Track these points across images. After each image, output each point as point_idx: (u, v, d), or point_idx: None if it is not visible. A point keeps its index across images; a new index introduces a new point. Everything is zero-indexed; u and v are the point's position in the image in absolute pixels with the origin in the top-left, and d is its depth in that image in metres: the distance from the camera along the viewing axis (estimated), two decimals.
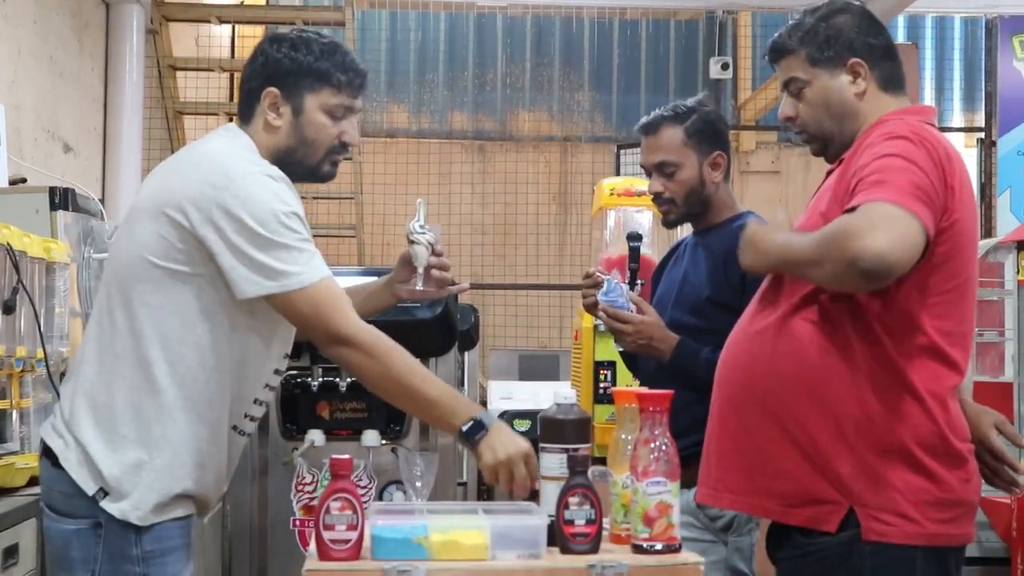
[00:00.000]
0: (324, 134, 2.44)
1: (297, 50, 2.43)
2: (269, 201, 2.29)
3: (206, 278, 2.31)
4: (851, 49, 2.34)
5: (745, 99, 8.40)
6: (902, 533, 2.14)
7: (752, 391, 2.28)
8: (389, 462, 4.17)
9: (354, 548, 2.05)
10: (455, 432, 2.31)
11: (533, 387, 6.16)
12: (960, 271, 2.19)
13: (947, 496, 2.16)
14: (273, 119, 2.43)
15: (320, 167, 2.48)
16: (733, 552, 2.88)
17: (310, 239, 2.35)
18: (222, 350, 2.35)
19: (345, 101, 2.45)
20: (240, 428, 2.46)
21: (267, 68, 2.44)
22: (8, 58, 5.00)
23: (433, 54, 8.44)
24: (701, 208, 3.03)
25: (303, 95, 2.42)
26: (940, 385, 2.17)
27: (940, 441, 2.16)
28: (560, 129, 8.42)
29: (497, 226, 8.11)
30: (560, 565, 2.06)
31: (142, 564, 2.31)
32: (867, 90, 2.34)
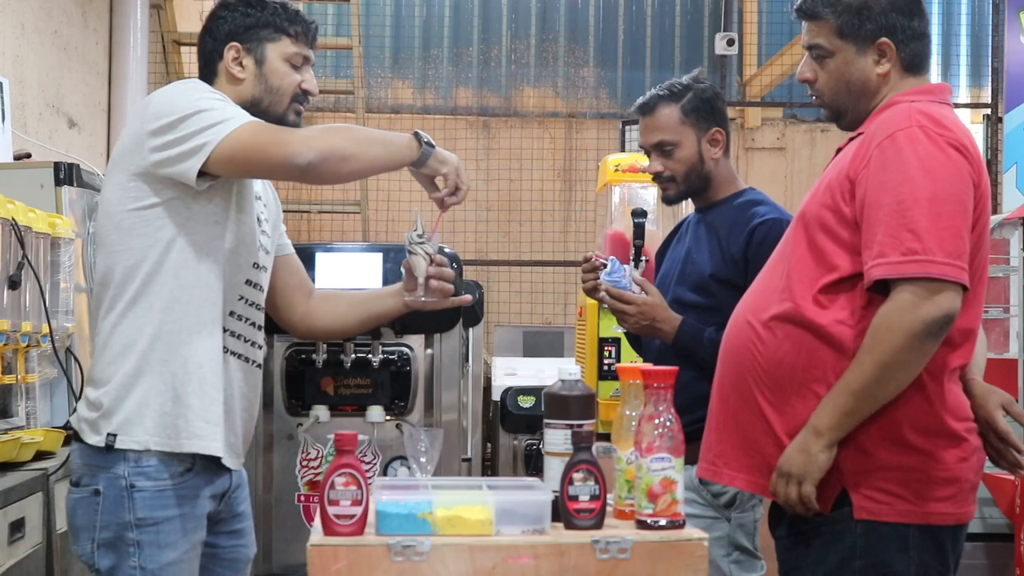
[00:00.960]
0: (287, 81, 2.58)
1: (251, 6, 2.58)
2: (177, 94, 2.44)
3: (163, 205, 2.41)
4: (882, 27, 2.28)
5: (751, 75, 8.36)
6: (893, 511, 2.14)
7: (751, 372, 2.28)
8: (394, 438, 4.19)
9: (359, 523, 2.05)
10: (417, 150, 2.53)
11: (537, 363, 6.16)
12: (973, 255, 2.17)
13: (941, 475, 2.15)
14: (238, 72, 2.56)
15: (286, 115, 2.58)
16: (736, 528, 2.89)
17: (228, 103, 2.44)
18: (188, 268, 2.42)
19: (303, 50, 2.61)
20: (227, 348, 2.47)
21: (225, 26, 2.57)
22: (12, 32, 4.98)
23: (438, 30, 8.40)
24: (702, 185, 3.02)
25: (264, 46, 2.57)
26: (939, 367, 2.15)
27: (934, 421, 2.15)
28: (565, 105, 8.39)
29: (501, 202, 8.09)
30: (564, 541, 2.06)
31: (135, 531, 2.37)
32: (890, 71, 2.30)
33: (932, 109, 2.22)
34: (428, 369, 4.31)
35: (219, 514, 2.54)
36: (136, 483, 2.38)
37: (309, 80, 2.63)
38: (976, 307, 2.22)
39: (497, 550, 2.03)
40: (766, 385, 2.25)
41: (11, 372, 3.16)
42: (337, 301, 2.82)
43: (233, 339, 2.51)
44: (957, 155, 2.13)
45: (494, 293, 7.66)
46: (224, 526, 2.57)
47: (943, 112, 2.22)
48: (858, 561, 2.16)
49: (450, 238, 7.48)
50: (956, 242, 2.09)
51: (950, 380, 2.18)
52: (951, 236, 2.08)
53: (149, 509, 2.38)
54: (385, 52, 8.34)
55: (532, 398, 5.59)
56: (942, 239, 2.08)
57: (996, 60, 7.66)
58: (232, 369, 2.50)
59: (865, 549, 2.16)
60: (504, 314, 7.75)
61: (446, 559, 2.01)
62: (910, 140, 2.14)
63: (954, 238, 2.08)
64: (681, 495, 2.13)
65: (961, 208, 2.10)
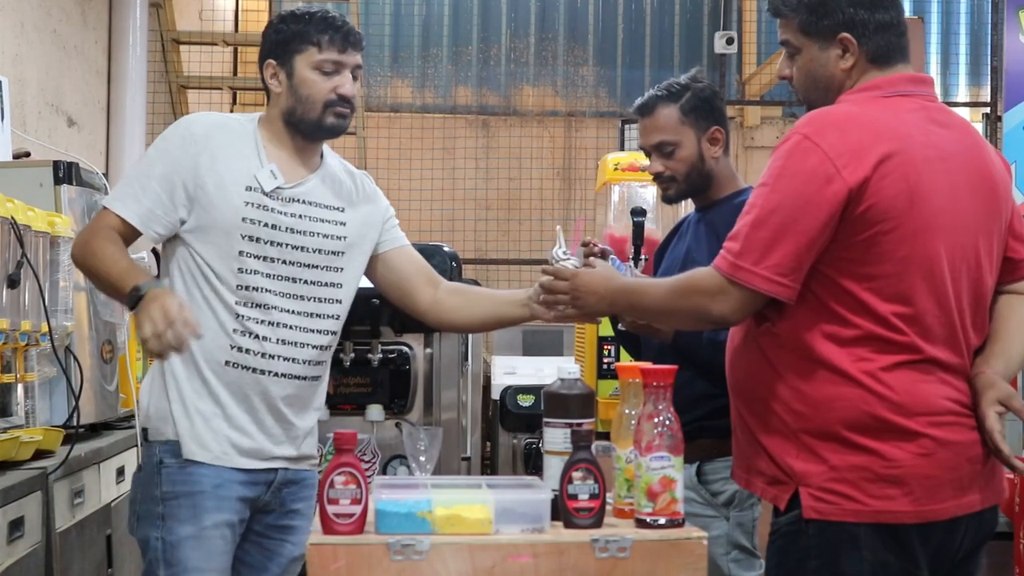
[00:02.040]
0: (317, 89, 2.66)
1: (284, 22, 2.71)
2: (161, 135, 2.68)
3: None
4: (841, 23, 2.26)
5: (750, 74, 8.36)
6: (840, 511, 2.12)
7: (731, 382, 2.34)
8: (393, 437, 4.18)
9: (358, 522, 2.05)
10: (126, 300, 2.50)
11: (537, 362, 6.16)
12: (894, 252, 2.12)
13: (893, 472, 2.10)
14: (275, 87, 2.71)
15: (323, 120, 2.68)
16: (735, 527, 2.89)
17: (152, 176, 2.60)
18: (179, 285, 2.63)
19: (332, 56, 2.66)
20: (234, 362, 2.60)
21: (265, 46, 2.73)
22: (11, 31, 4.98)
23: (437, 29, 8.41)
24: (703, 184, 3.02)
25: (293, 59, 2.67)
26: (871, 366, 2.12)
27: (874, 420, 2.11)
28: (564, 104, 8.39)
29: (501, 201, 8.09)
30: (564, 539, 2.06)
31: (162, 504, 2.57)
32: (855, 64, 2.27)
33: (845, 111, 2.20)
34: (427, 368, 4.31)
35: (267, 505, 2.67)
36: (164, 459, 2.58)
37: (344, 84, 2.69)
38: (916, 301, 2.15)
39: (496, 549, 2.03)
40: (737, 390, 2.33)
41: (10, 371, 3.16)
42: (467, 296, 2.93)
43: (240, 353, 2.65)
44: (818, 168, 2.10)
45: None
46: (273, 519, 2.70)
47: (857, 114, 2.19)
48: (812, 561, 2.14)
49: (449, 236, 7.50)
50: (769, 253, 2.11)
51: (897, 376, 2.14)
52: (763, 247, 2.12)
53: (172, 484, 2.57)
54: (384, 51, 8.34)
55: (531, 397, 5.59)
56: (755, 248, 2.13)
57: (995, 59, 7.66)
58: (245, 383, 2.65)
59: (817, 549, 2.14)
60: None
61: (445, 558, 2.01)
62: (785, 148, 2.17)
63: (768, 249, 2.11)
64: (680, 494, 2.13)
65: (793, 223, 2.11)
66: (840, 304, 2.15)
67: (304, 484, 2.75)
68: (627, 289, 2.43)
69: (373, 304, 4.17)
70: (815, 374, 2.15)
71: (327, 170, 2.78)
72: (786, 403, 2.18)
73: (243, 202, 2.61)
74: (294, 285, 2.66)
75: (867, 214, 2.11)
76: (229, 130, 2.68)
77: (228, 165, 2.63)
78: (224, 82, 7.46)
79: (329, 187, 2.76)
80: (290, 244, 2.65)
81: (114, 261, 2.53)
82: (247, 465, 2.62)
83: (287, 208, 2.66)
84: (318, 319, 2.70)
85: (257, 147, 2.68)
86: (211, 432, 2.59)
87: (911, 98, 2.26)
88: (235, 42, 7.67)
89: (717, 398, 2.86)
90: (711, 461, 2.89)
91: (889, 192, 2.12)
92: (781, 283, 2.13)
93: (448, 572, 2.01)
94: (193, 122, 2.69)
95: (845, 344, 2.14)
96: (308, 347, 2.68)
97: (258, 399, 2.63)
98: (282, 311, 2.64)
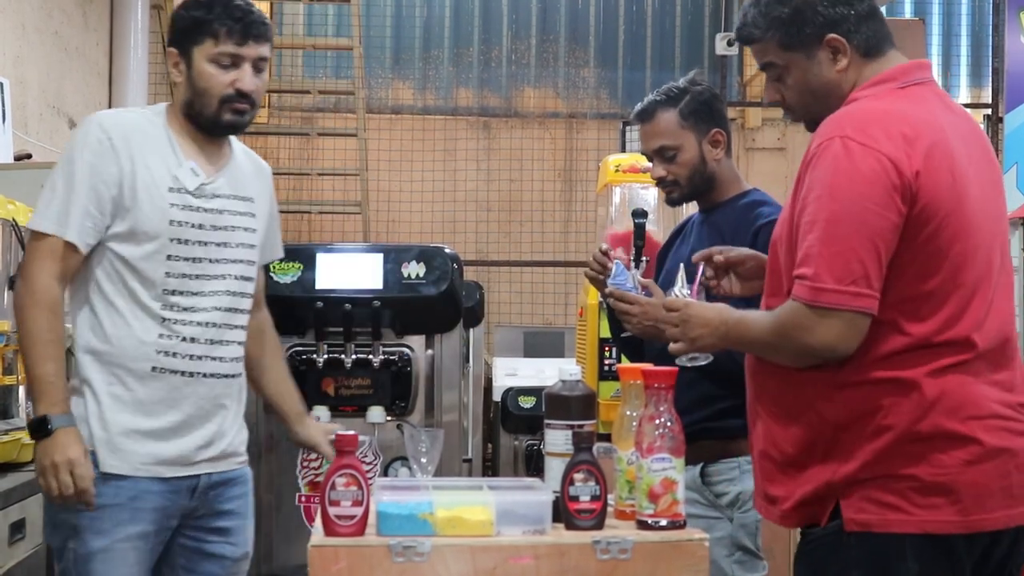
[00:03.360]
0: (214, 83, 2.55)
1: (188, 8, 2.58)
2: (71, 143, 2.55)
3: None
4: (824, 25, 2.17)
5: (751, 75, 8.36)
6: (884, 522, 2.04)
7: (756, 398, 2.24)
8: (394, 438, 4.18)
9: (359, 524, 2.05)
10: (34, 429, 2.43)
11: (538, 364, 6.16)
12: (947, 250, 2.05)
13: (940, 481, 2.03)
14: (176, 76, 2.61)
15: (220, 116, 2.57)
16: (738, 528, 2.88)
17: (77, 189, 2.48)
18: (96, 303, 2.53)
19: (229, 49, 2.54)
20: (161, 367, 2.51)
21: (170, 32, 2.64)
22: (13, 33, 4.98)
23: (438, 30, 8.41)
24: (706, 186, 3.02)
25: (191, 49, 2.56)
26: (925, 371, 2.05)
27: (922, 426, 2.04)
28: (565, 106, 8.39)
29: (502, 203, 8.09)
30: (565, 541, 2.06)
31: (76, 515, 2.46)
32: (850, 64, 2.18)
33: (873, 107, 2.11)
34: (429, 369, 4.31)
35: (195, 510, 2.59)
36: None
37: (243, 79, 2.56)
38: (967, 301, 2.07)
39: (498, 551, 2.03)
40: (763, 404, 2.23)
41: (12, 373, 3.16)
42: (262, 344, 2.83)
43: (166, 357, 2.58)
44: (875, 167, 2.01)
45: (495, 293, 7.66)
46: (206, 522, 2.62)
47: (886, 108, 2.11)
48: (854, 572, 2.08)
49: (451, 238, 7.49)
50: (851, 266, 2.00)
51: (956, 383, 2.06)
52: (844, 261, 2.00)
53: (96, 495, 2.45)
54: (386, 52, 8.34)
55: (533, 398, 5.59)
56: (834, 265, 2.01)
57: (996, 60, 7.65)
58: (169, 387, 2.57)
59: (860, 560, 2.07)
60: (505, 314, 7.75)
61: (447, 560, 2.01)
62: (828, 154, 2.05)
63: (848, 262, 2.00)
64: (682, 495, 2.13)
65: (865, 228, 2.01)
66: (894, 310, 2.05)
67: (233, 484, 2.68)
68: (738, 322, 2.21)
69: (374, 306, 4.18)
70: (860, 382, 2.06)
71: (236, 160, 2.70)
72: (828, 413, 2.09)
73: (168, 204, 2.53)
74: (221, 282, 2.59)
75: (923, 213, 2.03)
76: (142, 130, 2.57)
77: (148, 167, 2.53)
78: None
79: (241, 178, 2.69)
80: (214, 242, 2.59)
81: (42, 358, 2.43)
82: (168, 474, 2.53)
83: (210, 204, 2.59)
84: (239, 314, 2.65)
85: (171, 143, 2.58)
86: (130, 443, 2.50)
87: (925, 86, 2.18)
88: None
89: (720, 400, 2.86)
90: (714, 463, 2.89)
91: (939, 185, 2.04)
92: (869, 295, 2.01)
93: (449, 574, 2.01)
94: (106, 126, 2.54)
95: (896, 350, 2.06)
96: (233, 344, 2.63)
97: (187, 403, 2.55)
98: (210, 310, 2.57)
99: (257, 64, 2.58)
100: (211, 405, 2.59)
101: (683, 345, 2.30)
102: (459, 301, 4.32)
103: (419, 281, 4.23)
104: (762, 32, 2.23)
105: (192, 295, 2.55)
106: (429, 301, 4.22)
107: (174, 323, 2.53)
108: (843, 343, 2.03)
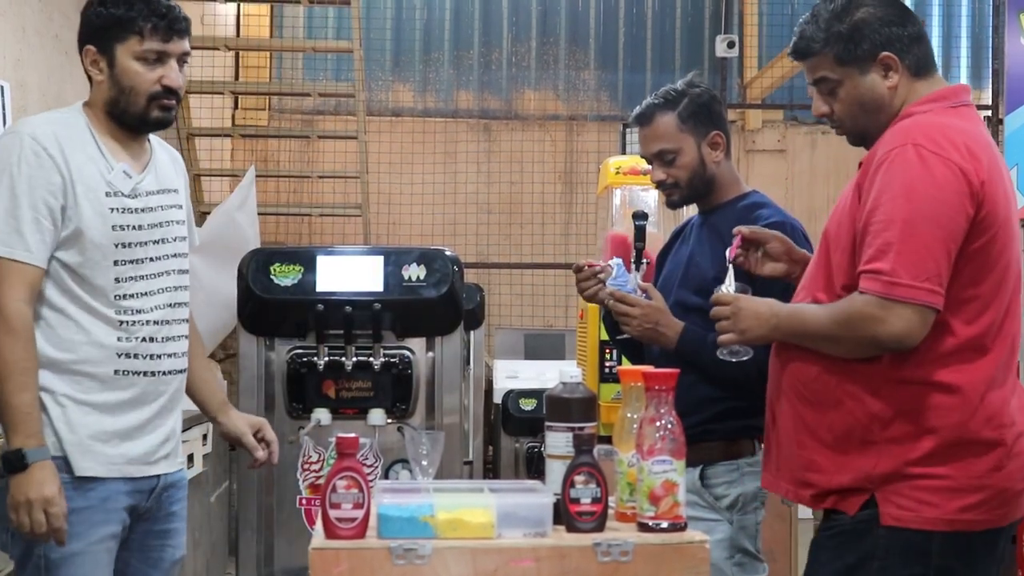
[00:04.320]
0: (140, 80, 2.53)
1: (105, 5, 2.56)
2: (3, 158, 2.45)
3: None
4: (880, 43, 2.29)
5: (751, 77, 8.35)
6: (918, 518, 2.16)
7: (789, 385, 2.32)
8: (395, 441, 4.18)
9: (360, 526, 2.05)
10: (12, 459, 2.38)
11: (539, 366, 6.15)
12: (997, 260, 2.19)
13: (971, 483, 2.16)
14: (96, 75, 2.57)
15: (148, 113, 2.55)
16: (738, 530, 2.88)
17: (28, 206, 2.42)
18: (47, 314, 2.48)
19: (155, 46, 2.53)
20: (124, 370, 2.51)
21: (84, 29, 2.60)
22: (13, 36, 4.98)
23: (438, 33, 8.40)
24: (705, 189, 3.02)
25: (114, 47, 2.54)
26: (970, 377, 2.17)
27: (963, 431, 2.16)
28: (566, 108, 8.38)
29: (503, 205, 8.08)
30: (566, 543, 2.06)
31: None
32: (900, 82, 2.30)
33: (937, 121, 2.23)
34: (429, 372, 4.30)
35: (147, 512, 2.59)
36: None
37: (170, 75, 2.55)
38: (1004, 317, 2.21)
39: (499, 553, 2.03)
40: (800, 394, 2.32)
41: None
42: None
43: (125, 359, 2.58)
44: (947, 174, 2.13)
45: (495, 296, 7.65)
46: (153, 524, 2.62)
47: (948, 123, 2.22)
48: (875, 562, 2.19)
49: (451, 240, 7.49)
50: (926, 264, 2.11)
51: (986, 387, 2.18)
52: (919, 259, 2.11)
53: (69, 499, 2.42)
54: (386, 55, 8.34)
55: (533, 401, 5.59)
56: (910, 261, 2.11)
57: (996, 62, 7.65)
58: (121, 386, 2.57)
59: (884, 551, 2.18)
60: (505, 317, 7.74)
61: (447, 562, 2.01)
62: (901, 160, 2.16)
63: (923, 260, 2.11)
64: (683, 497, 2.13)
65: (939, 229, 2.12)
66: (946, 311, 2.15)
67: (179, 486, 2.70)
68: (791, 314, 2.32)
69: (375, 308, 4.18)
70: (909, 380, 2.18)
71: (156, 154, 2.69)
72: (870, 410, 2.20)
73: (108, 209, 2.51)
74: (165, 279, 2.60)
75: (984, 221, 2.16)
76: (69, 135, 2.53)
77: (83, 173, 2.50)
78: (226, 86, 7.46)
79: (164, 171, 2.68)
80: (152, 240, 2.58)
81: (18, 388, 2.38)
82: (135, 473, 2.54)
83: (144, 204, 2.58)
84: (182, 308, 2.66)
85: (98, 145, 2.55)
86: (99, 445, 2.49)
87: (970, 107, 2.32)
88: (237, 47, 7.67)
89: (720, 401, 2.86)
90: (714, 465, 2.89)
91: (997, 197, 2.17)
92: (939, 292, 2.13)
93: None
94: (37, 136, 2.49)
95: (946, 351, 2.17)
96: (183, 338, 2.64)
97: (149, 401, 2.56)
98: (160, 308, 2.58)
99: (181, 59, 2.58)
100: (168, 401, 2.61)
101: (733, 336, 2.38)
102: (460, 303, 4.32)
103: (420, 284, 4.23)
104: (820, 46, 2.33)
105: (142, 296, 2.54)
106: (430, 303, 4.22)
107: (131, 324, 2.52)
108: (911, 336, 2.13)
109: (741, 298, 2.40)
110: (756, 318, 2.34)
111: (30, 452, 2.37)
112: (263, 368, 4.31)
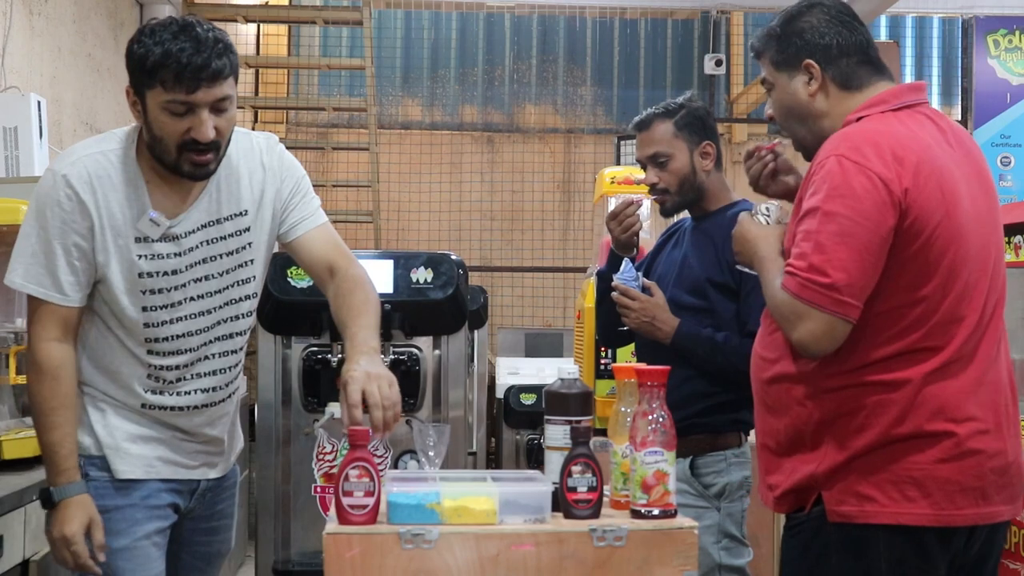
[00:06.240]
0: (167, 131, 2.21)
1: (141, 45, 2.19)
2: (38, 197, 2.29)
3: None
4: (806, 50, 2.20)
5: (738, 93, 8.36)
6: (861, 513, 2.06)
7: (756, 391, 2.25)
8: (404, 433, 4.17)
9: (371, 513, 2.05)
10: (49, 500, 2.31)
11: (538, 363, 6.15)
12: (938, 261, 2.06)
13: (915, 476, 2.04)
14: (137, 116, 2.27)
15: (179, 165, 2.26)
16: (725, 517, 2.88)
17: (62, 248, 2.28)
18: (90, 334, 2.38)
19: (179, 97, 2.17)
20: (150, 404, 2.39)
21: (127, 64, 2.24)
22: (49, 55, 4.98)
23: (445, 51, 8.41)
24: (695, 195, 3.03)
25: (144, 92, 2.21)
26: (913, 373, 2.05)
27: (904, 425, 2.04)
28: (564, 122, 8.39)
29: (505, 212, 8.09)
30: (564, 529, 2.06)
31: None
32: (821, 90, 2.20)
33: (869, 128, 2.11)
34: (436, 369, 4.30)
35: (193, 511, 2.50)
36: (90, 472, 2.36)
37: (199, 128, 2.20)
38: (956, 310, 2.07)
39: (501, 538, 2.03)
40: (761, 399, 2.24)
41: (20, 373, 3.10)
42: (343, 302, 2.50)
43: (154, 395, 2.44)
44: (866, 184, 2.02)
45: (498, 298, 7.66)
46: (200, 522, 2.53)
47: (878, 129, 2.11)
48: (833, 557, 2.10)
49: (457, 245, 7.50)
50: (836, 274, 2.00)
51: (937, 381, 2.06)
52: (830, 268, 2.00)
53: (100, 497, 2.34)
54: (396, 72, 8.34)
55: (533, 396, 5.59)
56: (823, 272, 2.01)
57: (966, 80, 7.67)
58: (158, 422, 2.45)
59: (838, 546, 2.09)
60: (507, 317, 7.75)
61: (453, 547, 2.01)
62: (826, 171, 2.06)
63: (834, 270, 2.00)
64: (673, 486, 2.12)
65: (855, 241, 2.01)
66: (884, 318, 2.05)
67: (225, 485, 2.58)
68: (768, 265, 2.21)
69: (385, 309, 4.17)
70: (847, 385, 2.07)
71: (220, 176, 2.37)
72: (813, 415, 2.10)
73: (136, 256, 2.30)
74: (206, 318, 2.39)
75: (913, 226, 2.03)
76: (107, 175, 2.29)
77: (114, 216, 2.29)
78: (246, 101, 7.47)
79: (226, 193, 2.38)
80: (192, 279, 2.36)
81: (46, 427, 2.28)
82: (172, 475, 2.42)
83: (182, 245, 2.34)
84: (234, 339, 2.45)
85: (137, 186, 2.30)
86: (136, 447, 2.38)
87: (916, 108, 2.19)
88: (257, 64, 7.68)
89: (709, 397, 2.87)
90: (703, 456, 2.88)
91: (928, 202, 2.04)
92: (851, 304, 2.01)
93: (455, 560, 2.01)
94: (71, 180, 2.26)
95: (885, 356, 2.06)
96: (227, 371, 2.45)
97: (177, 431, 2.43)
98: (196, 349, 2.39)
99: (216, 106, 2.22)
100: (203, 420, 2.46)
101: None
102: (464, 304, 4.32)
103: (427, 286, 4.23)
104: (760, 47, 2.28)
105: (176, 338, 2.36)
106: (436, 304, 4.22)
107: (159, 368, 2.37)
108: (816, 344, 2.04)
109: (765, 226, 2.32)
110: (764, 239, 2.26)
111: (56, 491, 2.29)
112: (280, 365, 4.30)
